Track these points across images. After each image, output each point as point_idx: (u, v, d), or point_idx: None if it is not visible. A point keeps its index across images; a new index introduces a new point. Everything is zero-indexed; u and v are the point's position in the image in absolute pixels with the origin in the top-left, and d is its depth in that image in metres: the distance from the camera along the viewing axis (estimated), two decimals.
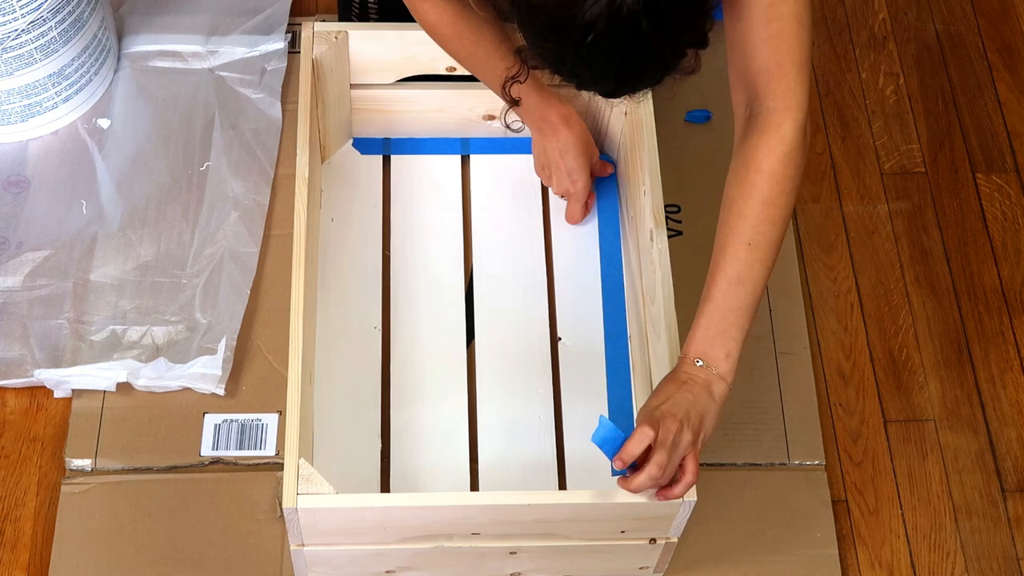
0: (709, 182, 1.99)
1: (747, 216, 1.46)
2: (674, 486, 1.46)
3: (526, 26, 1.31)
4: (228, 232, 1.93)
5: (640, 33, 1.24)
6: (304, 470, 1.50)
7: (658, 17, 1.24)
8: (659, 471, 1.42)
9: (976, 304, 1.98)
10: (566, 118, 1.82)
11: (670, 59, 1.31)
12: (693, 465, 1.45)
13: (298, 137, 1.76)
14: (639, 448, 1.42)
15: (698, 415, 1.45)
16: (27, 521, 1.74)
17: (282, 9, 2.14)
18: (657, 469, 1.42)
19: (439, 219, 1.93)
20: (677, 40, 1.29)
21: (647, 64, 1.29)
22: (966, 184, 2.09)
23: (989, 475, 1.84)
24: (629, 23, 1.24)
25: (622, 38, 1.25)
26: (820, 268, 1.99)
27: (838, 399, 1.88)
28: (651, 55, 1.28)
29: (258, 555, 1.71)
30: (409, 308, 1.85)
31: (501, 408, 1.77)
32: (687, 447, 1.44)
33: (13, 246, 1.91)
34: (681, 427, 1.43)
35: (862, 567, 1.76)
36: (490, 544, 1.57)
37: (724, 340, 1.47)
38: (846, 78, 2.19)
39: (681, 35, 1.29)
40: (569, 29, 1.25)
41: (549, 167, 1.87)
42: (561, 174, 1.86)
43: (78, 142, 2.02)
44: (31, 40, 1.91)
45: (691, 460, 1.45)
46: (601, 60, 1.27)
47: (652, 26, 1.24)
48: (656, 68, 1.31)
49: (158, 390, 1.81)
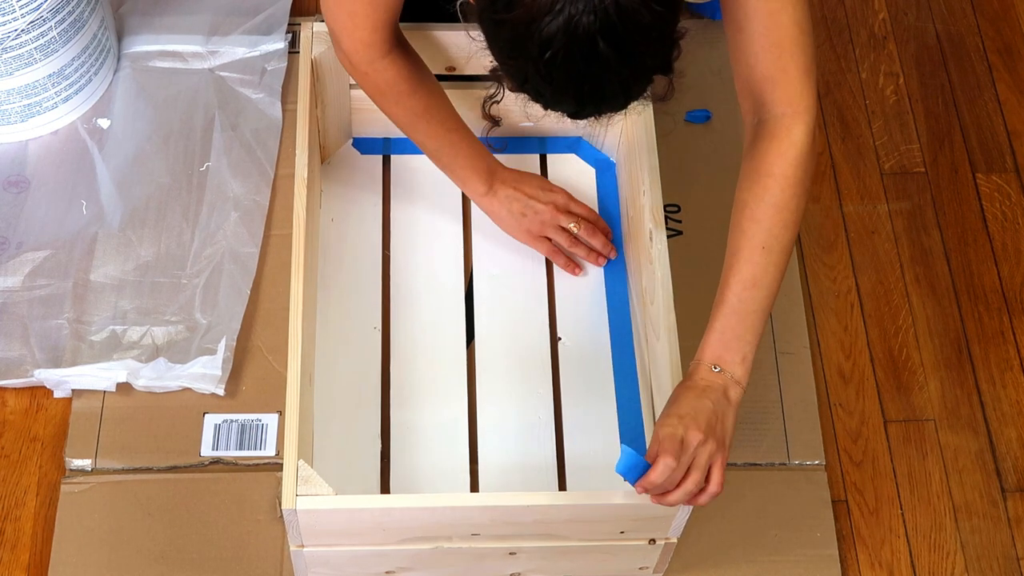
0: (709, 182, 1.99)
1: (760, 220, 1.46)
2: (699, 496, 1.45)
3: (492, 43, 1.31)
4: (228, 232, 1.93)
5: (598, 54, 1.24)
6: (303, 471, 1.50)
7: (615, 39, 1.23)
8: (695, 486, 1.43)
9: (976, 304, 1.98)
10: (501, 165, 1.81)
11: (631, 83, 1.29)
12: (719, 475, 1.44)
13: (298, 137, 1.76)
14: (662, 478, 1.41)
15: (721, 423, 1.44)
16: (27, 521, 1.74)
17: (282, 9, 2.14)
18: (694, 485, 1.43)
19: (439, 219, 1.93)
20: (637, 64, 1.27)
21: (606, 85, 1.28)
22: (966, 184, 2.09)
23: (989, 475, 1.84)
24: (586, 43, 1.23)
25: (579, 57, 1.24)
26: (820, 268, 1.99)
27: (838, 399, 1.88)
28: (609, 77, 1.27)
29: (258, 555, 1.71)
30: (409, 308, 1.85)
31: (501, 408, 1.77)
32: (712, 456, 1.43)
33: (13, 246, 1.91)
34: (705, 439, 1.42)
35: (862, 567, 1.76)
36: (490, 545, 1.58)
37: (740, 344, 1.47)
38: (846, 78, 2.19)
39: (641, 60, 1.27)
40: (529, 45, 1.25)
41: (521, 206, 1.82)
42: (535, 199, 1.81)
43: (78, 142, 2.02)
44: (31, 40, 1.91)
45: (717, 470, 1.44)
46: (561, 78, 1.27)
47: (609, 47, 1.23)
48: (616, 91, 1.29)
49: (158, 390, 1.81)
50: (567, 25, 1.22)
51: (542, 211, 1.82)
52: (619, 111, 1.34)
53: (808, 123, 1.46)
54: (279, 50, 2.10)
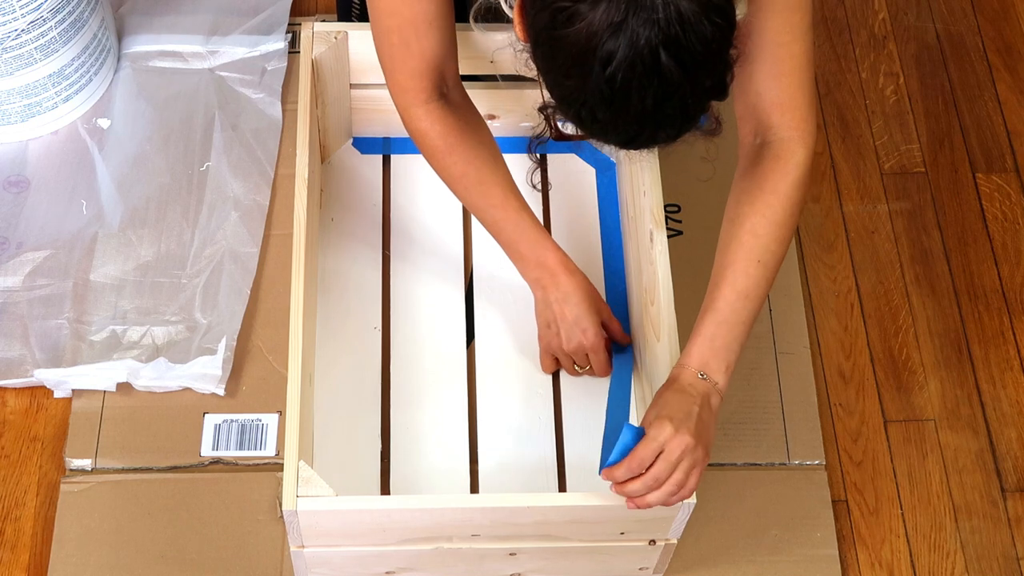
0: (709, 182, 1.99)
1: (760, 235, 1.48)
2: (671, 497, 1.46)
3: (550, 63, 1.29)
4: (228, 232, 1.93)
5: (660, 67, 1.23)
6: (304, 472, 1.50)
7: (677, 52, 1.22)
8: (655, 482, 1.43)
9: (976, 304, 1.98)
10: (564, 263, 1.70)
11: (690, 103, 1.28)
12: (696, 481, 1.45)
13: (298, 137, 1.76)
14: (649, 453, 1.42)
15: (707, 430, 1.45)
16: (27, 521, 1.74)
17: (282, 9, 2.14)
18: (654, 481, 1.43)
19: (439, 219, 1.93)
20: (697, 80, 1.26)
21: (666, 104, 1.26)
22: (966, 184, 2.09)
23: (989, 475, 1.84)
24: (648, 56, 1.22)
25: (642, 71, 1.23)
26: (820, 268, 1.99)
27: (838, 399, 1.88)
28: (670, 94, 1.25)
29: (258, 555, 1.71)
30: (409, 308, 1.85)
31: (501, 409, 1.77)
32: (697, 461, 1.44)
33: (13, 246, 1.91)
34: (695, 444, 1.43)
35: (862, 567, 1.76)
36: (490, 545, 1.58)
37: (727, 354, 1.48)
38: (846, 78, 2.19)
39: (702, 76, 1.26)
40: (590, 61, 1.24)
41: (555, 323, 1.72)
42: (568, 325, 1.72)
43: (78, 142, 2.02)
44: (31, 40, 1.91)
45: (695, 477, 1.45)
46: (621, 97, 1.25)
47: (671, 59, 1.22)
48: (675, 111, 1.28)
49: (158, 390, 1.82)
50: (630, 38, 1.22)
51: (567, 342, 1.74)
52: (672, 141, 1.33)
53: (810, 147, 1.50)
54: (279, 50, 2.10)
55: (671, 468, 1.42)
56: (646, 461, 1.42)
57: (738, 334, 1.49)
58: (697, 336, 1.49)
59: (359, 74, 1.88)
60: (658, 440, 1.42)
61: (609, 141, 1.34)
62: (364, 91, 1.91)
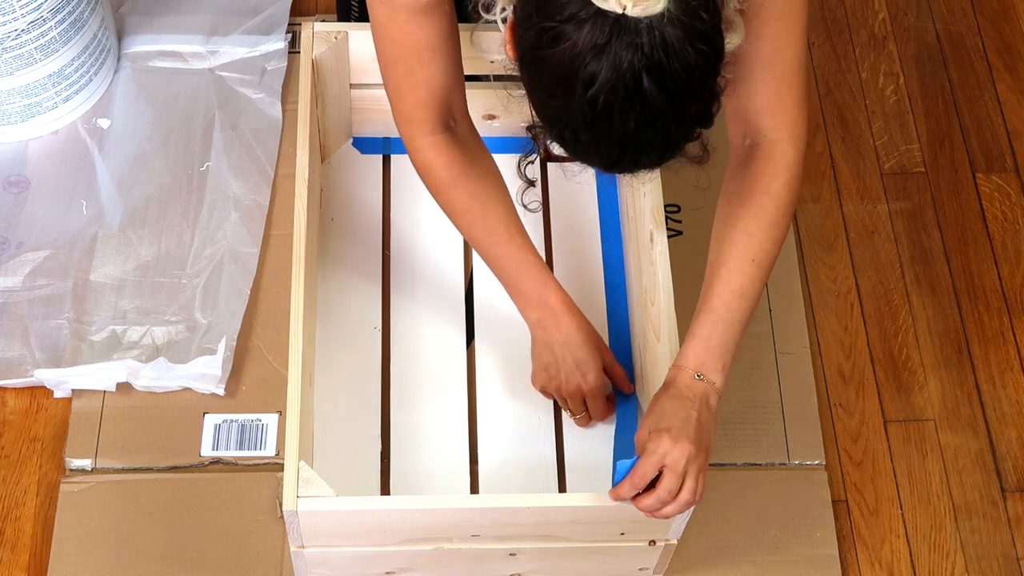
0: (709, 182, 1.99)
1: (754, 235, 1.48)
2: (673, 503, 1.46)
3: (534, 83, 1.30)
4: (228, 232, 1.93)
5: (642, 92, 1.22)
6: (304, 472, 1.50)
7: (660, 77, 1.22)
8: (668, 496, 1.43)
9: (976, 304, 1.98)
10: (568, 305, 1.66)
11: (672, 129, 1.27)
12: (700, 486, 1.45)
13: (298, 137, 1.76)
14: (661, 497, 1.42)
15: (707, 433, 1.45)
16: (27, 521, 1.74)
17: (282, 9, 2.14)
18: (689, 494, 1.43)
19: (439, 219, 1.91)
20: (681, 106, 1.25)
21: (647, 129, 1.25)
22: (966, 184, 2.09)
23: (989, 475, 1.84)
24: (631, 80, 1.22)
25: (624, 94, 1.22)
26: (820, 268, 1.99)
27: (838, 399, 1.88)
28: (653, 118, 1.24)
29: (258, 555, 1.71)
30: (409, 308, 1.85)
31: (501, 409, 1.77)
32: (700, 468, 1.44)
33: (13, 246, 1.91)
34: (696, 452, 1.43)
35: (862, 567, 1.76)
36: (490, 546, 1.58)
37: (723, 353, 1.48)
38: (846, 78, 2.19)
39: (686, 103, 1.26)
40: (573, 82, 1.23)
41: (555, 364, 1.68)
42: (568, 368, 1.68)
43: (78, 142, 2.02)
44: (31, 40, 1.91)
45: (700, 481, 1.45)
46: (603, 119, 1.25)
47: (654, 84, 1.22)
48: (657, 137, 1.27)
49: (158, 390, 1.82)
50: (612, 61, 1.21)
51: (566, 384, 1.70)
52: (655, 166, 1.32)
53: (801, 150, 1.50)
54: (279, 50, 2.10)
55: (680, 479, 1.42)
56: (648, 474, 1.43)
57: (734, 333, 1.48)
58: (693, 336, 1.49)
59: (359, 74, 1.88)
60: (658, 452, 1.42)
61: (592, 164, 1.33)
62: (364, 91, 1.91)
